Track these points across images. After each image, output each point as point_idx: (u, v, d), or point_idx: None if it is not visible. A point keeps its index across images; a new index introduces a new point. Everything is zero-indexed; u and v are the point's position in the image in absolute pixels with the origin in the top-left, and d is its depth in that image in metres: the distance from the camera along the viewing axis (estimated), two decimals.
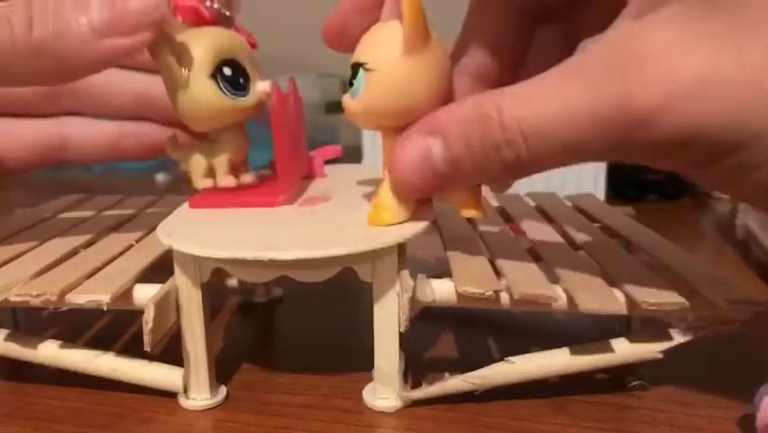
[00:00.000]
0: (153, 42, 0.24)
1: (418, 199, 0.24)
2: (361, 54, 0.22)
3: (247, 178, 0.28)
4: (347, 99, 0.23)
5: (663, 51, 0.17)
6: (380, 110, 0.22)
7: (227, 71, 0.25)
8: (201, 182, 0.27)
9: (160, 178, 0.66)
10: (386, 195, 0.23)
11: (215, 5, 0.26)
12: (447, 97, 0.23)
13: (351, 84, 0.22)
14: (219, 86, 0.25)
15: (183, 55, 0.24)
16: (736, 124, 0.16)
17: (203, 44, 0.25)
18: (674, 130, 0.17)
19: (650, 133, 0.17)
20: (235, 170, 0.27)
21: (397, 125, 0.22)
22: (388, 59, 0.21)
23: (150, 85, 0.31)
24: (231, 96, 0.25)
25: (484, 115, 0.19)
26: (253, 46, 0.27)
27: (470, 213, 0.23)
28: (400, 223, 0.23)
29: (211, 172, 0.27)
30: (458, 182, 0.22)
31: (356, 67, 0.22)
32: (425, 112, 0.21)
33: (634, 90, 0.17)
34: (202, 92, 0.25)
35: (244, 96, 0.26)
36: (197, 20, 0.25)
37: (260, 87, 0.26)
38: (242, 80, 0.26)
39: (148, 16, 0.23)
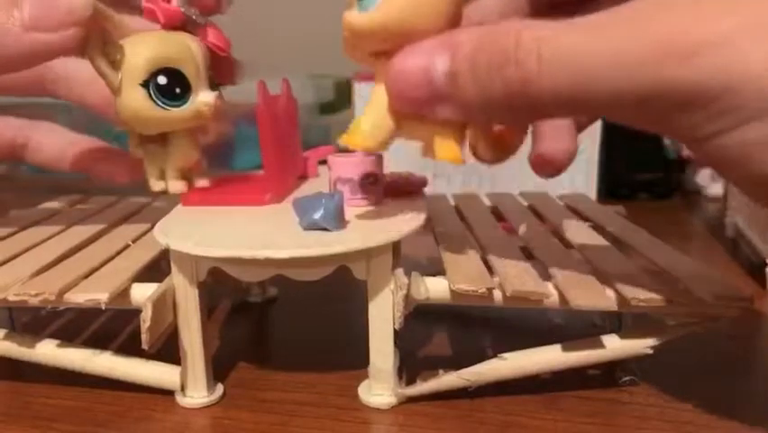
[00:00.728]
0: (86, 43, 0.23)
1: (409, 192, 0.23)
2: None
3: (201, 182, 0.28)
4: (353, 16, 0.20)
5: None
6: (396, 24, 0.20)
7: (162, 80, 0.24)
8: (154, 184, 0.27)
9: None
10: (366, 118, 0.22)
11: (182, 8, 0.25)
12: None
13: None
14: (150, 94, 0.24)
15: (116, 59, 0.24)
16: None
17: (139, 50, 0.24)
18: (724, 69, 0.15)
19: (695, 71, 0.15)
20: (188, 174, 0.27)
21: (401, 46, 0.20)
22: None
23: None
24: (161, 106, 0.25)
25: (501, 31, 0.18)
26: (221, 51, 0.26)
27: (446, 155, 0.21)
28: (371, 150, 0.22)
29: (163, 175, 0.27)
30: (451, 105, 0.20)
31: None
32: (441, 28, 0.20)
33: (687, 21, 0.16)
34: (132, 99, 0.24)
35: (179, 106, 0.25)
36: (157, 21, 0.25)
37: (202, 97, 0.25)
38: (178, 90, 0.25)
39: (73, 14, 0.23)
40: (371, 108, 0.22)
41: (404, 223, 0.24)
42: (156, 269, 0.26)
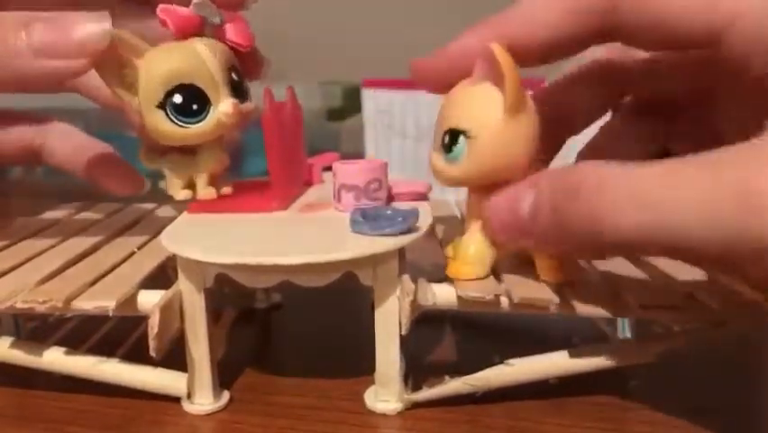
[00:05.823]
0: (101, 70, 0.24)
1: (413, 198, 0.23)
2: (460, 121, 0.22)
3: (225, 189, 0.28)
4: (442, 165, 0.23)
5: None
6: (483, 174, 0.22)
7: (177, 99, 0.25)
8: (180, 194, 0.28)
9: (164, 185, 0.65)
10: (467, 248, 0.24)
11: (195, 10, 0.25)
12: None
13: (449, 150, 0.22)
14: (168, 115, 0.25)
15: (133, 82, 0.24)
16: None
17: (151, 72, 0.24)
18: None
19: None
20: (215, 180, 0.28)
21: (489, 187, 0.22)
22: (491, 125, 0.21)
23: None
24: (180, 124, 0.25)
25: (573, 169, 0.19)
26: (242, 47, 0.26)
27: (546, 276, 0.23)
28: (479, 278, 0.24)
29: (189, 184, 0.27)
30: (537, 237, 0.21)
31: (455, 133, 0.22)
32: (524, 166, 0.22)
33: (756, 172, 0.16)
34: (152, 120, 0.25)
35: (198, 122, 0.25)
36: (172, 29, 0.25)
37: (222, 107, 0.25)
38: (195, 106, 0.25)
39: (86, 47, 0.23)
40: (471, 238, 0.24)
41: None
42: (161, 276, 0.26)
